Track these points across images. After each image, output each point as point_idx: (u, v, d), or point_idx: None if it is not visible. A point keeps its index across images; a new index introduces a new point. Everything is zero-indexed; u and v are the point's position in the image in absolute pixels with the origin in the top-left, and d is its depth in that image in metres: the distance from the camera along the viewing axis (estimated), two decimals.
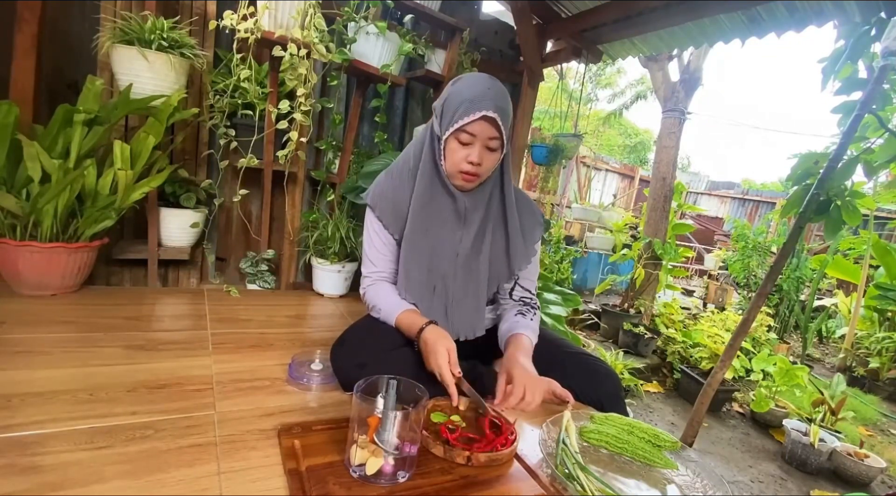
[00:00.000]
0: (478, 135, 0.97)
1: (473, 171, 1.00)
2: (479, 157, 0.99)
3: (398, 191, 1.11)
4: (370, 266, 1.16)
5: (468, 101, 0.95)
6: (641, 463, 0.92)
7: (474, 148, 0.98)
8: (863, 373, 3.93)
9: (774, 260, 2.15)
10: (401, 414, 0.75)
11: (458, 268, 1.12)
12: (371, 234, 1.15)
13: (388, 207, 1.12)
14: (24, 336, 1.13)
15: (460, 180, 1.03)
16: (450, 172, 1.04)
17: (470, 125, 0.96)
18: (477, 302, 1.16)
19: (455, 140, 0.99)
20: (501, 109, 0.96)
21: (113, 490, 0.67)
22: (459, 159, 1.00)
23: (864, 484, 2.33)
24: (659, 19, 2.04)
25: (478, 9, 2.44)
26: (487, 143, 0.98)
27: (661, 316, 4.02)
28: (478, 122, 0.95)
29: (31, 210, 1.29)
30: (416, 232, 1.10)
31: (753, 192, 10.72)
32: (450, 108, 0.98)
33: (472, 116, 0.94)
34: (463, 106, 0.95)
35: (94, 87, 1.34)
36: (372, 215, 1.14)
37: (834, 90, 2.04)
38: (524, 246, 1.16)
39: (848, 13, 1.71)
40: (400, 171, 1.13)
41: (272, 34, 1.54)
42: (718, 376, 2.15)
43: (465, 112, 0.95)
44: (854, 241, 4.47)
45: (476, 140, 0.98)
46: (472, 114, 0.94)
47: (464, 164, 1.00)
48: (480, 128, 0.96)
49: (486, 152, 1.00)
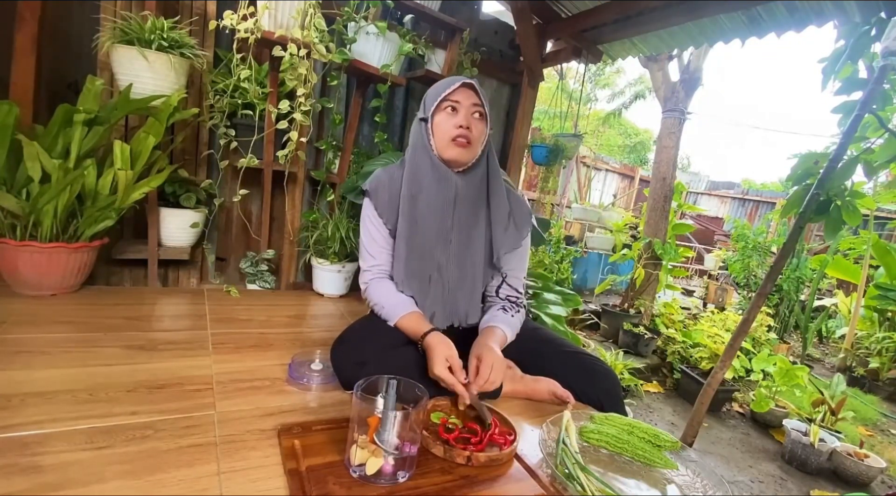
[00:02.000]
0: (462, 102, 1.04)
1: (464, 133, 1.04)
2: (467, 120, 1.04)
3: (394, 179, 1.14)
4: (369, 259, 1.16)
5: (446, 82, 1.07)
6: (641, 463, 0.92)
7: (460, 114, 1.05)
8: (863, 373, 3.93)
9: (774, 260, 2.15)
10: (401, 414, 0.75)
11: (452, 255, 1.13)
12: (368, 225, 1.15)
13: (385, 196, 1.13)
14: (24, 336, 1.13)
15: (454, 148, 1.06)
16: (441, 146, 1.06)
17: (452, 94, 1.04)
18: (472, 289, 1.17)
19: (442, 112, 1.06)
20: (475, 83, 1.06)
21: (113, 490, 0.67)
22: (449, 127, 1.05)
23: (864, 484, 2.33)
24: (659, 19, 2.04)
25: (478, 9, 2.44)
26: (472, 110, 1.05)
27: (661, 316, 4.02)
28: (459, 89, 1.05)
29: (31, 210, 1.30)
30: (407, 220, 1.11)
31: (753, 192, 10.71)
32: (431, 94, 1.08)
33: (453, 86, 1.04)
34: (442, 85, 1.06)
35: (94, 87, 1.34)
36: (369, 205, 1.15)
37: (834, 90, 2.04)
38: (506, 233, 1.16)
39: (848, 13, 1.71)
40: (396, 164, 1.17)
41: (272, 34, 1.54)
42: (718, 376, 2.15)
43: (445, 86, 1.05)
44: (854, 241, 4.46)
45: (461, 106, 1.05)
46: (453, 85, 1.04)
47: (454, 130, 1.04)
48: (463, 95, 1.05)
49: (474, 118, 1.06)
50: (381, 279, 1.15)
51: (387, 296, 1.11)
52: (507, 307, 1.17)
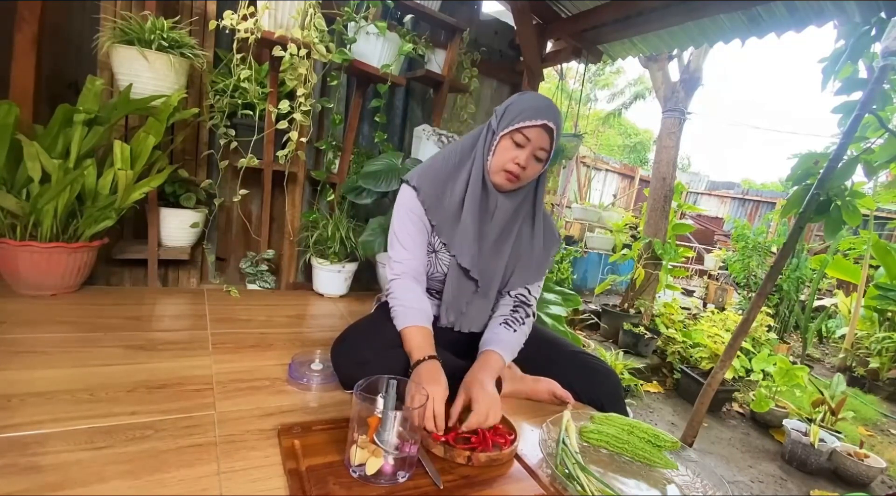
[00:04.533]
0: (532, 140, 1.00)
1: (517, 172, 1.02)
2: (526, 162, 1.02)
3: (450, 177, 1.10)
4: (402, 252, 1.10)
5: (533, 109, 0.99)
6: (641, 463, 0.92)
7: (524, 151, 1.01)
8: (863, 373, 3.93)
9: (774, 260, 2.15)
10: (401, 414, 0.75)
11: (479, 263, 1.11)
12: (404, 216, 1.10)
13: (433, 191, 1.09)
14: (23, 336, 1.13)
15: (502, 179, 1.05)
16: (494, 169, 1.05)
17: (528, 129, 0.99)
18: (487, 302, 1.16)
19: (510, 139, 1.02)
20: (559, 125, 1.01)
21: (113, 490, 0.67)
22: (507, 159, 1.02)
23: (863, 484, 2.33)
24: (659, 19, 2.04)
25: (478, 9, 2.44)
26: (537, 152, 1.02)
27: (661, 316, 4.02)
28: (536, 128, 0.99)
29: (31, 210, 1.29)
30: (450, 220, 1.09)
31: (753, 192, 10.72)
32: (513, 111, 1.01)
33: (533, 121, 0.99)
34: (527, 112, 1.00)
35: (94, 87, 1.34)
36: (413, 197, 1.10)
37: (834, 90, 2.04)
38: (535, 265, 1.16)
39: (848, 13, 1.71)
40: (446, 158, 1.13)
41: (272, 34, 1.54)
42: (718, 376, 2.15)
43: (528, 117, 0.99)
44: (854, 241, 4.47)
45: (528, 145, 1.01)
46: (534, 120, 0.99)
47: (510, 164, 1.02)
48: (537, 134, 1.00)
49: (533, 160, 1.03)
50: (412, 280, 1.10)
51: (410, 299, 1.07)
52: (510, 321, 1.12)
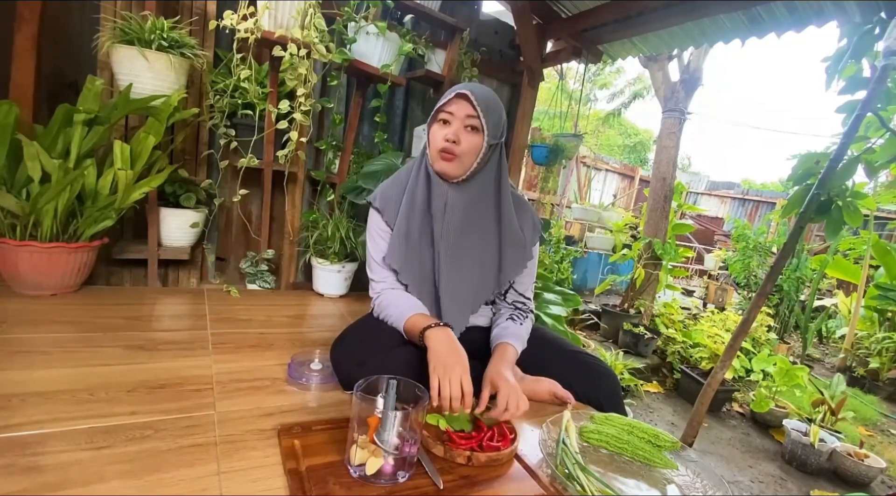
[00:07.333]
0: (455, 113, 1.01)
1: (450, 147, 1.01)
2: (455, 134, 1.01)
3: (398, 185, 1.13)
4: (380, 272, 1.13)
5: (451, 91, 1.03)
6: (641, 463, 0.92)
7: (451, 126, 1.02)
8: (863, 373, 3.92)
9: (775, 260, 2.15)
10: (401, 414, 0.75)
11: (442, 266, 1.11)
12: (375, 236, 1.14)
13: (391, 205, 1.12)
14: (23, 336, 1.13)
15: (440, 161, 1.04)
16: (433, 156, 1.05)
17: (447, 105, 1.02)
18: (463, 305, 1.14)
19: (436, 123, 1.04)
20: (476, 93, 1.01)
21: (113, 490, 0.67)
22: (439, 139, 1.02)
23: (864, 484, 2.32)
24: (659, 19, 2.04)
25: (478, 9, 2.44)
26: (465, 122, 1.01)
27: (661, 316, 4.02)
28: (453, 100, 1.01)
29: (31, 210, 1.29)
30: (400, 227, 1.10)
31: (753, 192, 10.71)
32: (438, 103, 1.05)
33: (448, 97, 1.02)
34: (446, 95, 1.04)
35: (94, 87, 1.34)
36: (376, 215, 1.13)
37: (838, 89, 2.04)
38: (516, 260, 1.15)
39: (848, 13, 1.71)
40: (409, 168, 1.15)
41: (272, 34, 1.54)
42: (718, 376, 2.15)
43: (446, 97, 1.03)
44: (854, 241, 4.46)
45: (454, 118, 1.02)
46: (449, 95, 1.02)
47: (442, 142, 1.02)
48: (457, 107, 1.01)
49: (465, 132, 1.02)
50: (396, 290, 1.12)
51: (400, 300, 1.08)
52: (515, 316, 1.15)
